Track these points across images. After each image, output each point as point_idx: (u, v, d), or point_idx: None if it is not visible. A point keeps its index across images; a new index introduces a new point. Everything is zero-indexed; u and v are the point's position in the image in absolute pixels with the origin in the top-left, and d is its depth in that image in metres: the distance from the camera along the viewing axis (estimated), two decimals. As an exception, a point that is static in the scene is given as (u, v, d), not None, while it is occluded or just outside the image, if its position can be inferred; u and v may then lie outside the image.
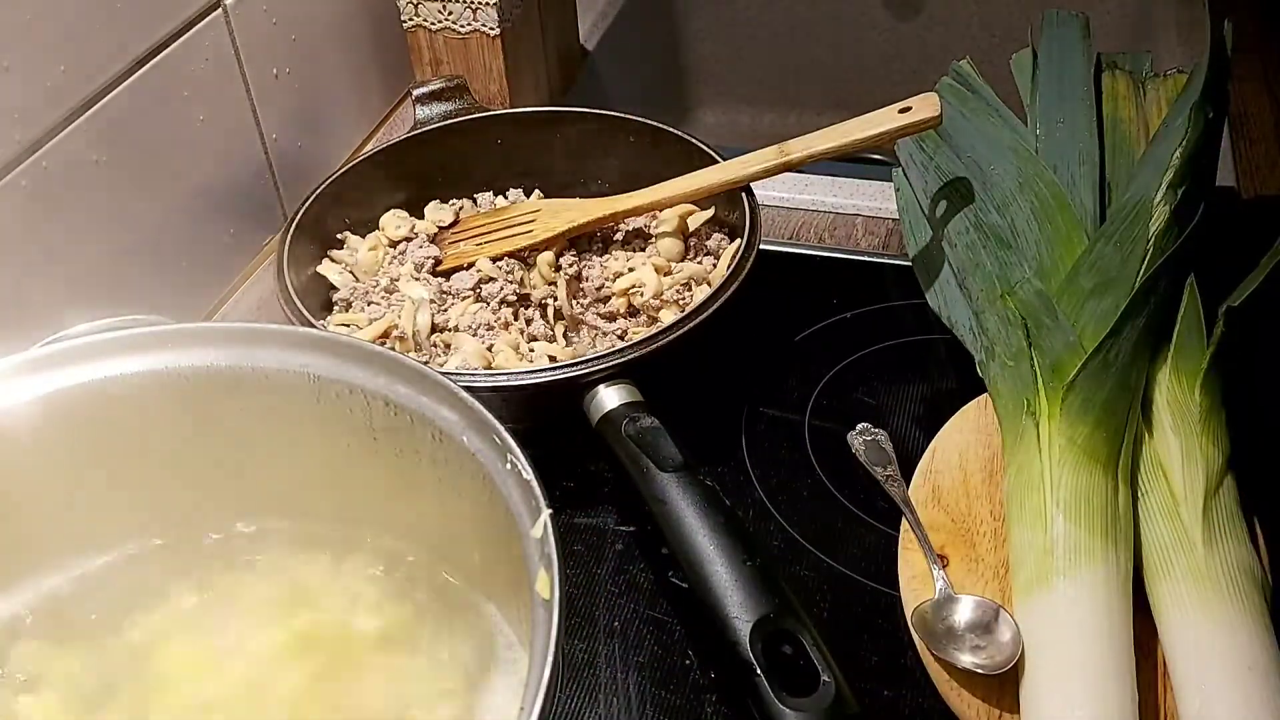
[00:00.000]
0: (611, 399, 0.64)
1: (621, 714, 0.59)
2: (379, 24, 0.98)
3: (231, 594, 0.54)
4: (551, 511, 0.44)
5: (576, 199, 0.82)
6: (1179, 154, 0.67)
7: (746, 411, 0.74)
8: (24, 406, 0.51)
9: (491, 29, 0.95)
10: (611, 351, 0.66)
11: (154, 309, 0.57)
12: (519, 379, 0.65)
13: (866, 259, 0.86)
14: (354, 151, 0.97)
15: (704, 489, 0.59)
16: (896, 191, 0.82)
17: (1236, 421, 0.61)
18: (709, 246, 0.80)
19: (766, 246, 0.77)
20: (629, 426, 0.62)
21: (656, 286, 0.75)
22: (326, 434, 0.53)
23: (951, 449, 0.67)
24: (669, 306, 0.75)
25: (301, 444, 0.54)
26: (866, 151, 0.74)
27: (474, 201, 0.85)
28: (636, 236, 0.81)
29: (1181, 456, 0.59)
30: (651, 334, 0.67)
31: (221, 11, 0.79)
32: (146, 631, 0.53)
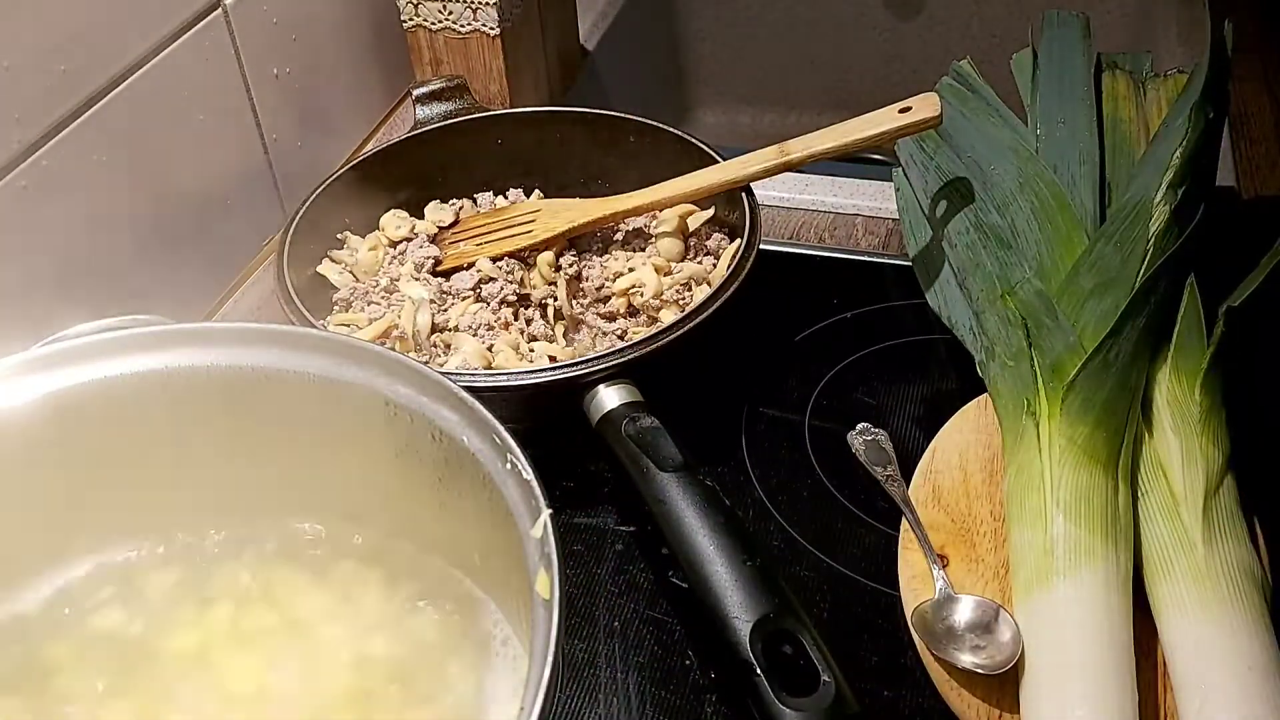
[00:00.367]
0: (611, 399, 0.64)
1: (621, 714, 0.59)
2: (379, 24, 0.98)
3: (231, 594, 0.54)
4: (551, 511, 0.44)
5: (576, 199, 0.82)
6: (1179, 154, 0.67)
7: (746, 411, 0.74)
8: (24, 406, 0.51)
9: (491, 29, 0.95)
10: (611, 351, 0.66)
11: (154, 309, 0.57)
12: (519, 379, 0.65)
13: (866, 259, 0.86)
14: (354, 151, 0.97)
15: (704, 489, 0.59)
16: (896, 191, 0.82)
17: (1236, 421, 0.61)
18: (709, 246, 0.80)
19: (766, 246, 0.77)
20: (629, 426, 0.62)
21: (656, 286, 0.75)
22: (326, 434, 0.53)
23: (951, 449, 0.67)
24: (669, 306, 0.75)
25: (301, 444, 0.54)
26: (866, 151, 0.74)
27: (474, 201, 0.85)
28: (636, 236, 0.81)
29: (1181, 456, 0.59)
30: (651, 334, 0.67)
31: (221, 11, 0.79)
32: (147, 632, 0.53)
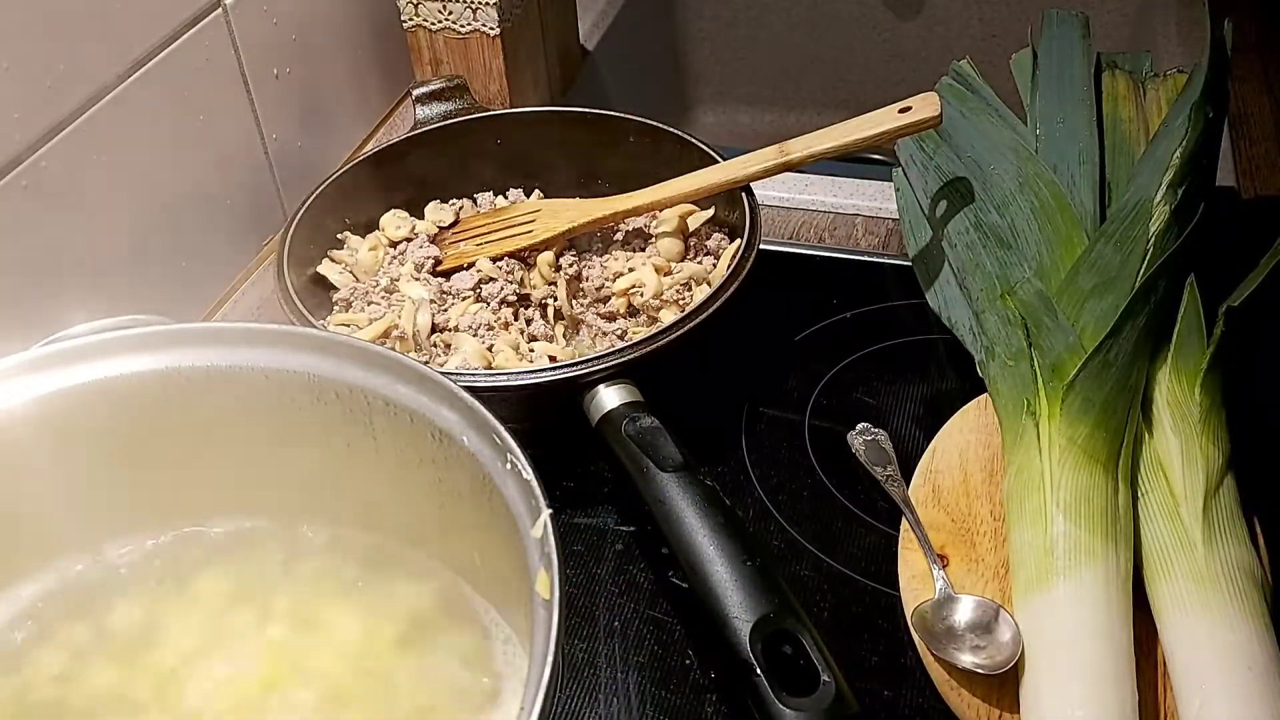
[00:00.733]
0: (611, 399, 0.64)
1: (621, 714, 0.59)
2: (379, 24, 0.98)
3: (230, 594, 0.54)
4: (551, 511, 0.44)
5: (576, 199, 0.82)
6: (1179, 154, 0.67)
7: (746, 411, 0.74)
8: (24, 406, 0.51)
9: (491, 29, 0.95)
10: (611, 351, 0.66)
11: (154, 309, 0.57)
12: (519, 379, 0.65)
13: (866, 259, 0.86)
14: (354, 151, 0.97)
15: (704, 489, 0.59)
16: (896, 191, 0.82)
17: (1236, 421, 0.61)
18: (709, 246, 0.80)
19: (766, 246, 0.77)
20: (629, 426, 0.62)
21: (656, 286, 0.75)
22: (327, 434, 0.53)
23: (951, 449, 0.67)
24: (669, 306, 0.75)
25: (302, 444, 0.54)
26: (866, 151, 0.74)
27: (474, 201, 0.85)
28: (636, 236, 0.81)
29: (1181, 456, 0.59)
30: (651, 334, 0.67)
31: (221, 11, 0.79)
32: (145, 631, 0.53)
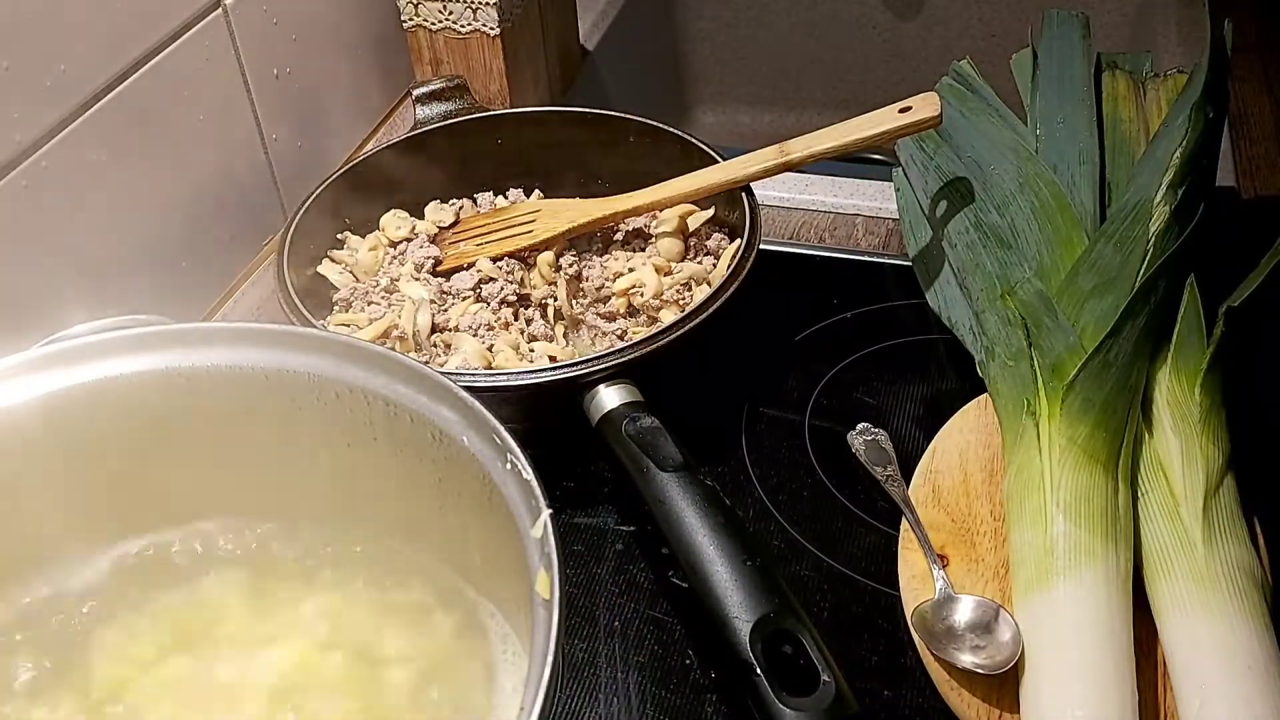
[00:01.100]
0: (611, 399, 0.64)
1: (621, 714, 0.59)
2: (379, 24, 0.98)
3: (230, 594, 0.54)
4: (551, 511, 0.44)
5: (576, 199, 0.82)
6: (1179, 154, 0.67)
7: (746, 411, 0.74)
8: (24, 406, 0.51)
9: (491, 29, 0.95)
10: (611, 351, 0.66)
11: (154, 309, 0.57)
12: (519, 379, 0.65)
13: (866, 259, 0.86)
14: (354, 151, 0.97)
15: (704, 489, 0.59)
16: (896, 191, 0.83)
17: (1236, 421, 0.61)
18: (709, 246, 0.80)
19: (766, 246, 0.77)
20: (629, 426, 0.62)
21: (656, 286, 0.75)
22: (326, 434, 0.53)
23: (951, 449, 0.67)
24: (669, 306, 0.75)
25: (301, 444, 0.54)
26: (866, 151, 0.74)
27: (474, 201, 0.85)
28: (636, 236, 0.81)
29: (1181, 456, 0.59)
30: (651, 334, 0.67)
31: (221, 11, 0.79)
32: (145, 632, 0.53)
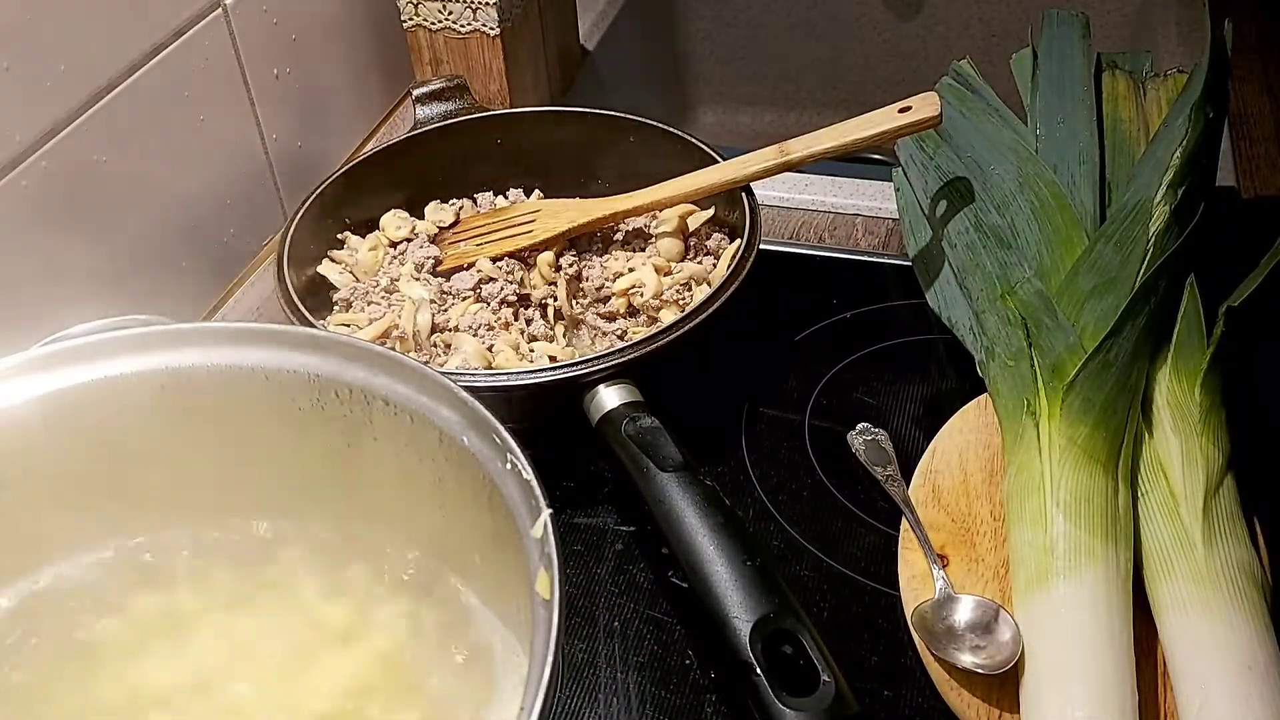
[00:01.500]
0: (611, 399, 0.64)
1: (621, 714, 0.59)
2: (379, 24, 0.98)
3: (232, 594, 0.54)
4: (551, 511, 0.44)
5: (576, 199, 0.82)
6: (1179, 154, 0.67)
7: (746, 411, 0.74)
8: (24, 406, 0.51)
9: (491, 29, 0.95)
10: (611, 351, 0.66)
11: (154, 309, 0.57)
12: (519, 379, 0.65)
13: (866, 259, 0.86)
14: (354, 151, 0.97)
15: (704, 489, 0.59)
16: (896, 191, 0.82)
17: (1236, 421, 0.61)
18: (709, 246, 0.80)
19: (766, 246, 0.77)
20: (629, 426, 0.62)
21: (656, 286, 0.75)
22: (326, 434, 0.53)
23: (951, 449, 0.67)
24: (669, 306, 0.75)
25: (302, 444, 0.54)
26: (866, 151, 0.74)
27: (474, 201, 0.85)
28: (636, 236, 0.81)
29: (1181, 456, 0.59)
30: (651, 334, 0.67)
31: (221, 11, 0.79)
32: (145, 631, 0.53)
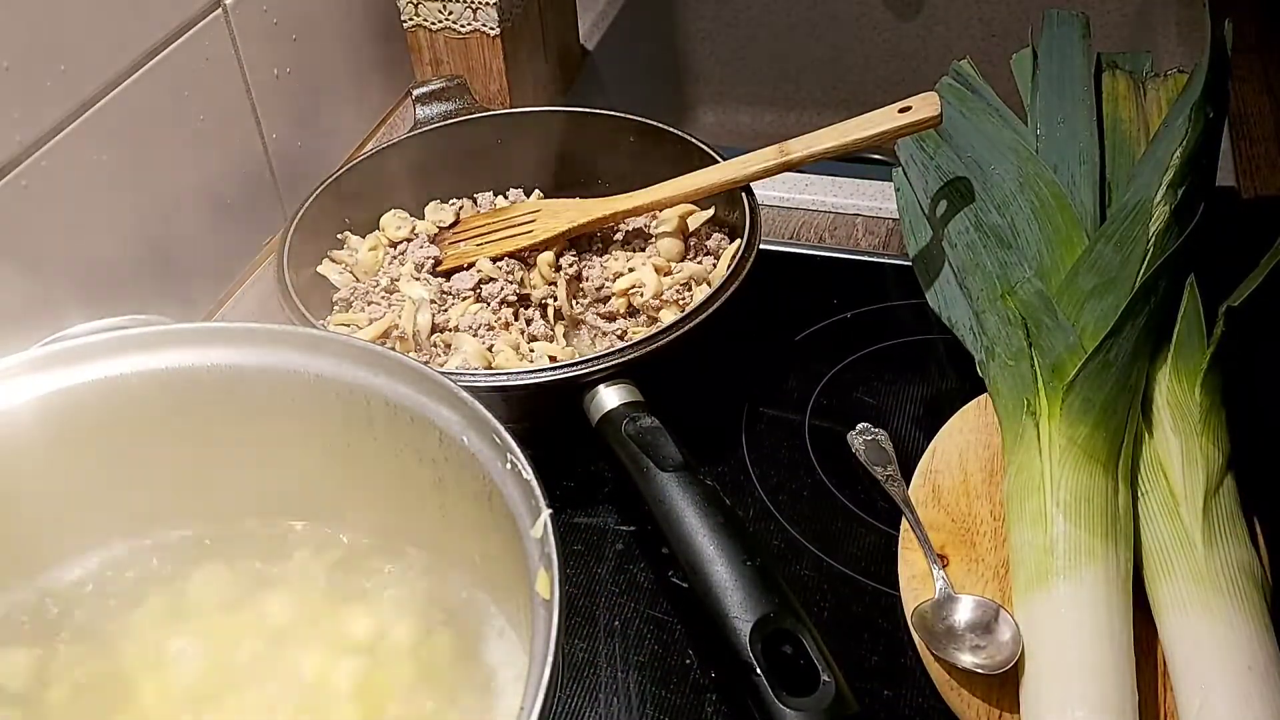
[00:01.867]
0: (611, 399, 0.64)
1: (621, 713, 0.59)
2: (379, 24, 0.98)
3: (232, 594, 0.54)
4: (551, 511, 0.44)
5: (576, 199, 0.82)
6: (1179, 154, 0.67)
7: (746, 411, 0.74)
8: (24, 406, 0.51)
9: (491, 29, 0.95)
10: (611, 351, 0.66)
11: (154, 309, 0.57)
12: (519, 379, 0.65)
13: (866, 259, 0.86)
14: (354, 151, 0.97)
15: (704, 489, 0.59)
16: (896, 191, 0.83)
17: (1236, 421, 0.61)
18: (709, 246, 0.80)
19: (766, 246, 0.77)
20: (629, 426, 0.62)
21: (656, 286, 0.75)
22: (326, 434, 0.53)
23: (951, 449, 0.67)
24: (669, 306, 0.75)
25: (302, 444, 0.54)
26: (866, 151, 0.74)
27: (474, 201, 0.85)
28: (636, 236, 0.81)
29: (1181, 456, 0.59)
30: (651, 334, 0.67)
31: (221, 11, 0.79)
32: (147, 631, 0.53)
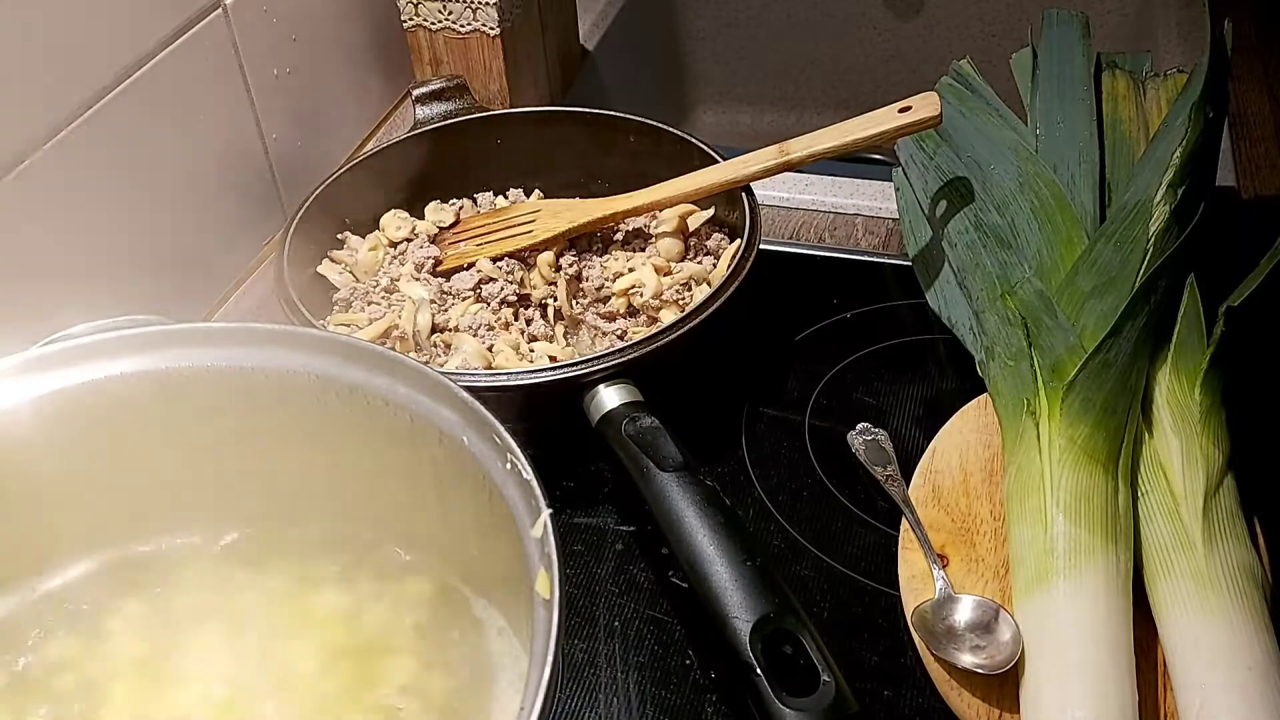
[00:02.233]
0: (611, 399, 0.64)
1: (621, 713, 0.59)
2: (379, 24, 0.98)
3: (231, 594, 0.54)
4: (551, 511, 0.44)
5: (576, 199, 0.82)
6: (1179, 154, 0.67)
7: (746, 411, 0.74)
8: (24, 406, 0.51)
9: (491, 29, 0.95)
10: (611, 351, 0.66)
11: (154, 309, 0.57)
12: (519, 379, 0.65)
13: (866, 259, 0.86)
14: (354, 151, 0.97)
15: (704, 489, 0.59)
16: (896, 191, 0.83)
17: (1236, 421, 0.61)
18: (709, 246, 0.80)
19: (766, 246, 0.77)
20: (629, 426, 0.62)
21: (656, 286, 0.75)
22: (326, 434, 0.53)
23: (951, 449, 0.67)
24: (669, 306, 0.75)
25: (301, 444, 0.54)
26: (866, 151, 0.74)
27: (474, 201, 0.85)
28: (636, 236, 0.81)
29: (1181, 456, 0.59)
30: (651, 334, 0.67)
31: (221, 11, 0.79)
32: (147, 631, 0.53)
